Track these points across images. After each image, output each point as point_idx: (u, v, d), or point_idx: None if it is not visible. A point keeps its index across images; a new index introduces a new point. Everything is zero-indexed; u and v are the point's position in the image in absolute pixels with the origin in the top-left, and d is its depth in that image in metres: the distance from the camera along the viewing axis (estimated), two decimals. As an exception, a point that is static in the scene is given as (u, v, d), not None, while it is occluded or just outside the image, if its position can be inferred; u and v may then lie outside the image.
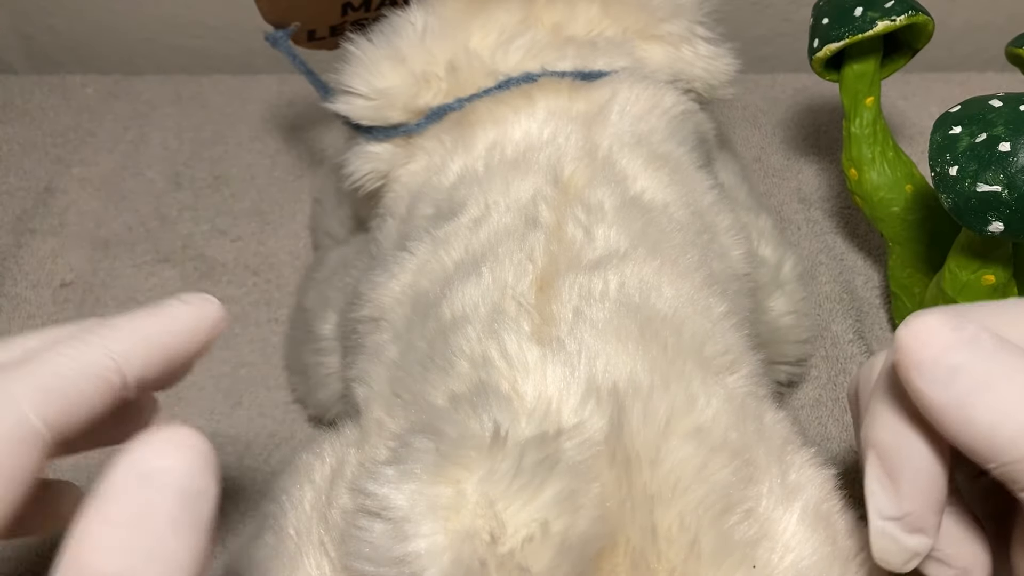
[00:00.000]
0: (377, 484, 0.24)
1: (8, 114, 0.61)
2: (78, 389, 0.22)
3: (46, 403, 0.21)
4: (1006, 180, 0.34)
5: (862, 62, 0.46)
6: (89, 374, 0.23)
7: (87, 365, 0.23)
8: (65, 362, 0.22)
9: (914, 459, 0.23)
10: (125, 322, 0.24)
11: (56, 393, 0.22)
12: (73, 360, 0.22)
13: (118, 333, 0.24)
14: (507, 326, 0.28)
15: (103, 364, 0.23)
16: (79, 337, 0.23)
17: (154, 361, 0.24)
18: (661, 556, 0.24)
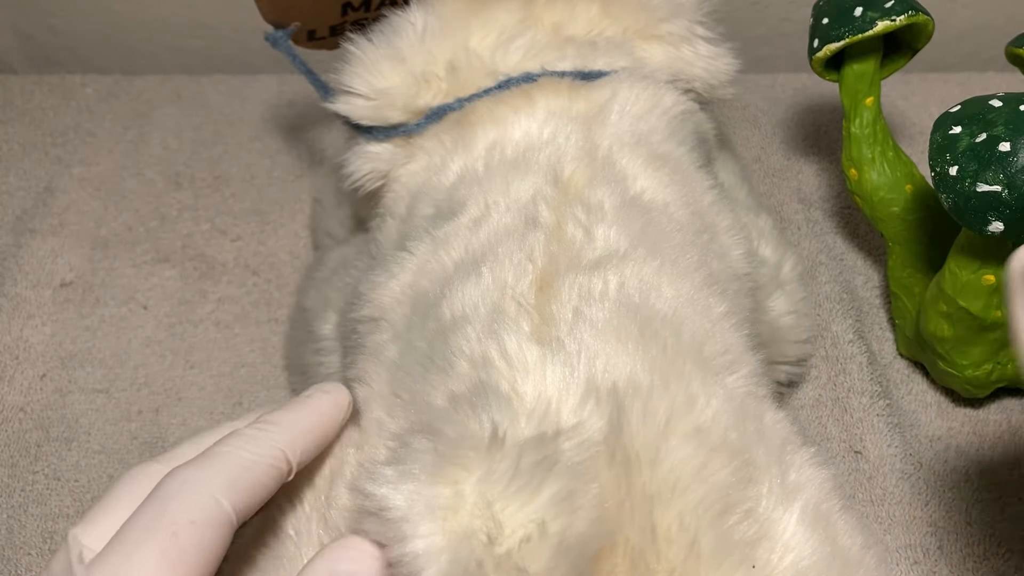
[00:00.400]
0: (376, 484, 0.24)
1: (8, 114, 0.61)
2: (258, 479, 0.26)
3: (235, 492, 0.25)
4: (1006, 180, 0.34)
5: (862, 62, 0.46)
6: (265, 466, 0.26)
7: (264, 458, 0.26)
8: (248, 456, 0.26)
9: None
10: (285, 416, 0.28)
11: (242, 484, 0.26)
12: (253, 455, 0.26)
13: (282, 428, 0.28)
14: (507, 326, 0.28)
15: (275, 456, 0.27)
16: (253, 435, 0.27)
17: (310, 448, 0.28)
18: (660, 556, 0.24)
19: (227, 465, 0.26)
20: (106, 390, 0.47)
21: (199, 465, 0.25)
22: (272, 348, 0.49)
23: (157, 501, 0.25)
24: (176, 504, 0.24)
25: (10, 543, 0.42)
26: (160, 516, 0.24)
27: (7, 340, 0.49)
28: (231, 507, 0.25)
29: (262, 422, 0.28)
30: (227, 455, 0.26)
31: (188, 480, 0.25)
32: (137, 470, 0.27)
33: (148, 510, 0.24)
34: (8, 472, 0.44)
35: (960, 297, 0.39)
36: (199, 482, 0.25)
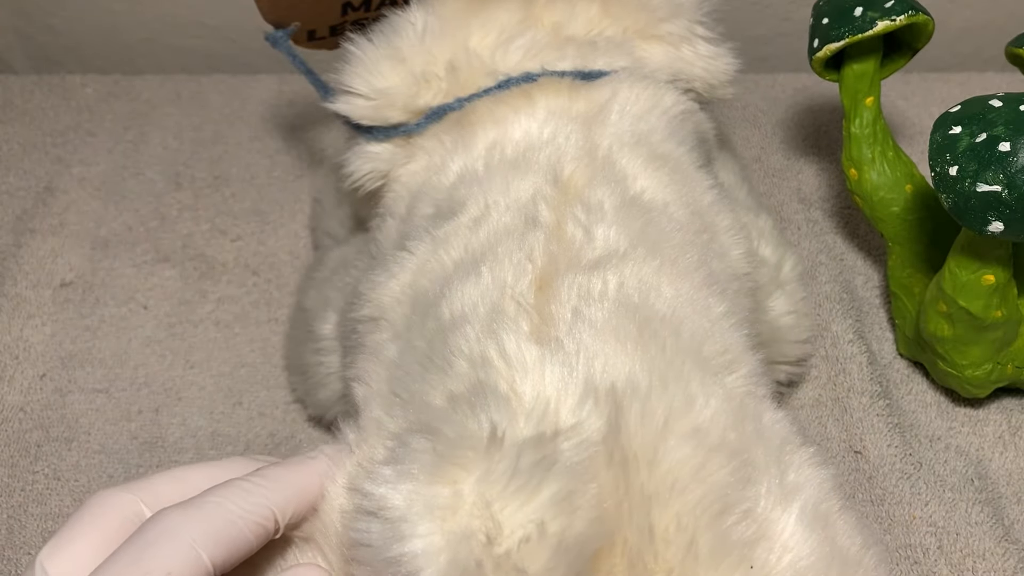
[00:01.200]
0: (374, 484, 0.24)
1: (8, 114, 0.61)
2: (242, 535, 0.26)
3: (215, 546, 0.25)
4: (1006, 180, 0.34)
5: (862, 62, 0.46)
6: (252, 522, 0.26)
7: (251, 515, 0.26)
8: (235, 511, 0.26)
9: None
10: (283, 474, 0.28)
11: (224, 538, 0.25)
12: (241, 510, 0.26)
13: (278, 485, 0.27)
14: (506, 326, 0.28)
15: (264, 514, 0.26)
16: (245, 488, 0.27)
17: (302, 509, 0.28)
18: (658, 556, 0.24)
19: (212, 517, 0.25)
20: (106, 390, 0.47)
21: (184, 512, 0.25)
22: (272, 348, 0.49)
23: (136, 546, 0.24)
24: (154, 551, 0.24)
25: (10, 543, 0.42)
26: (137, 563, 0.24)
27: (7, 340, 0.49)
28: (209, 560, 0.25)
29: (258, 476, 0.27)
30: (214, 506, 0.26)
31: (169, 528, 0.25)
32: (103, 496, 0.27)
33: (127, 553, 0.24)
34: (8, 472, 0.44)
35: (960, 297, 0.39)
36: (180, 530, 0.25)
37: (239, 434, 0.45)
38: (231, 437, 0.45)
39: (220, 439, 0.45)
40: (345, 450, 0.29)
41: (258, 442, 0.45)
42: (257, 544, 0.26)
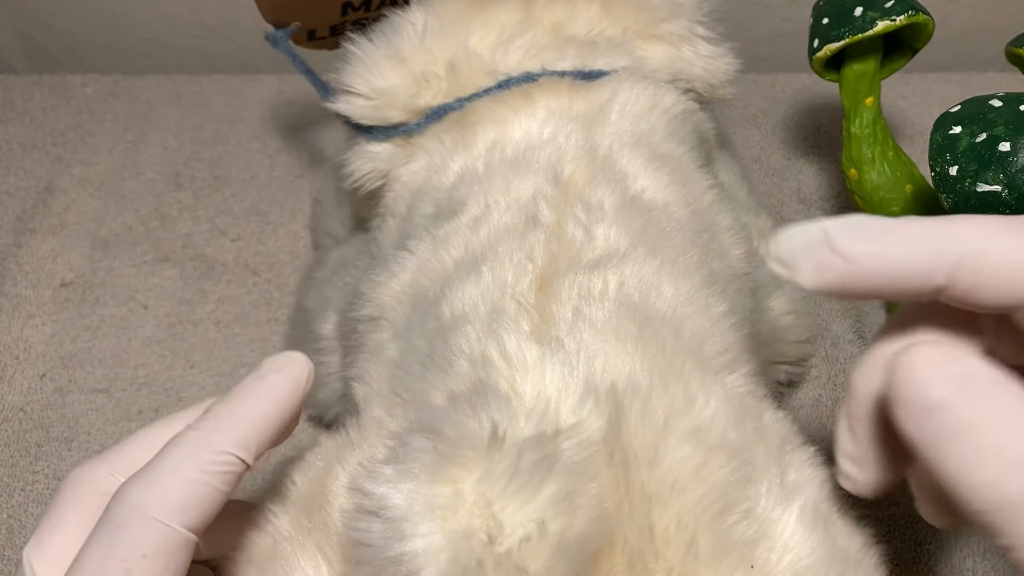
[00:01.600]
0: (375, 483, 0.24)
1: (8, 114, 0.61)
2: (210, 490, 0.25)
3: (184, 513, 0.24)
4: (1006, 180, 0.34)
5: (862, 62, 0.46)
6: (216, 474, 0.25)
7: (213, 466, 0.25)
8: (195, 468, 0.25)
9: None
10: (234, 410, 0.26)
11: (192, 501, 0.25)
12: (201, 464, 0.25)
13: (231, 425, 0.26)
14: (506, 325, 0.28)
15: (228, 461, 0.26)
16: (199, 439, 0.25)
17: (266, 438, 0.27)
18: (659, 556, 0.24)
19: (175, 484, 0.25)
20: (106, 390, 0.47)
21: (145, 484, 0.24)
22: (272, 348, 0.49)
23: (106, 532, 0.24)
24: (125, 536, 0.24)
25: (10, 543, 0.42)
26: (110, 551, 0.24)
27: (7, 340, 0.49)
28: (184, 528, 0.24)
29: (210, 419, 0.26)
30: (174, 471, 0.25)
31: (135, 506, 0.24)
32: (79, 473, 0.26)
33: (98, 543, 0.24)
34: (8, 472, 0.44)
35: (960, 297, 0.39)
36: (147, 507, 0.24)
37: (239, 434, 0.45)
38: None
39: (220, 439, 0.45)
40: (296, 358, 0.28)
41: (258, 442, 0.45)
42: (229, 488, 0.26)
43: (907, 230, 0.23)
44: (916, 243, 0.23)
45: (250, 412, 0.27)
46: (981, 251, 0.22)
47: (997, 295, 0.22)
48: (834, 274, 0.23)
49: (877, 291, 0.24)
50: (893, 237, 0.23)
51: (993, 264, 0.22)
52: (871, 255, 0.23)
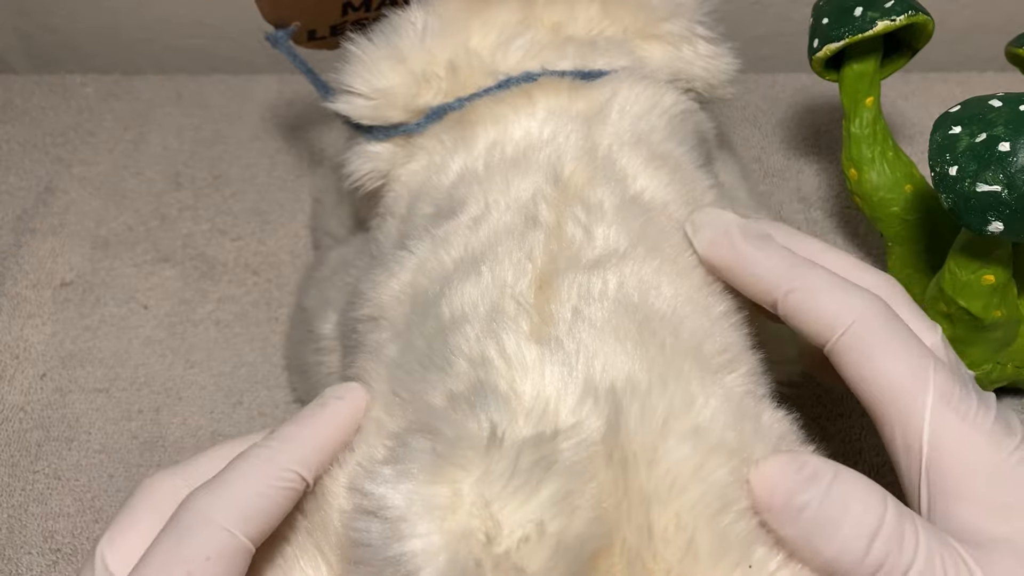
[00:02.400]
0: (374, 483, 0.24)
1: (8, 114, 0.62)
2: (273, 503, 0.26)
3: (247, 523, 0.26)
4: (1006, 180, 0.34)
5: (862, 62, 0.46)
6: (279, 488, 0.27)
7: (278, 482, 0.27)
8: (262, 481, 0.26)
9: None
10: (300, 432, 0.28)
11: (255, 511, 0.26)
12: (268, 479, 0.27)
13: (297, 445, 0.28)
14: (506, 325, 0.28)
15: (290, 479, 0.27)
16: (265, 456, 0.27)
17: (327, 460, 0.28)
18: (657, 556, 0.24)
19: (240, 493, 0.26)
20: (106, 389, 0.47)
21: (213, 493, 0.26)
22: (272, 348, 0.49)
23: (173, 535, 0.25)
24: (190, 539, 0.25)
25: (11, 542, 0.42)
26: (175, 552, 0.25)
27: (7, 340, 0.49)
28: (246, 537, 0.25)
29: (276, 439, 0.28)
30: (240, 483, 0.26)
31: (201, 512, 0.25)
32: (155, 481, 0.28)
33: (164, 544, 0.25)
34: (8, 472, 0.44)
35: (960, 297, 0.39)
36: (212, 514, 0.25)
37: (239, 434, 0.45)
38: (232, 437, 0.45)
39: (220, 439, 0.45)
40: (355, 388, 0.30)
41: (258, 442, 0.45)
42: (289, 506, 0.27)
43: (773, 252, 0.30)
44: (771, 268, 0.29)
45: (313, 435, 0.28)
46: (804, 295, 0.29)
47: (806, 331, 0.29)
48: (715, 257, 0.30)
49: (739, 285, 0.30)
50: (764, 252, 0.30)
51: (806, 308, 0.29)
52: (742, 259, 0.30)
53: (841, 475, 0.26)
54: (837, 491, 0.25)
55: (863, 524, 0.25)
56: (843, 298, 0.28)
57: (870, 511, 0.25)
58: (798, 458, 0.26)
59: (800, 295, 0.29)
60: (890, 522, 0.25)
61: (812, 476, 0.25)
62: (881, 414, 0.28)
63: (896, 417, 0.27)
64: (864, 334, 0.28)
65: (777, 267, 0.29)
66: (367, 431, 0.29)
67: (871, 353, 0.27)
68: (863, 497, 0.25)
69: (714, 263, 0.30)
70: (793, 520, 0.25)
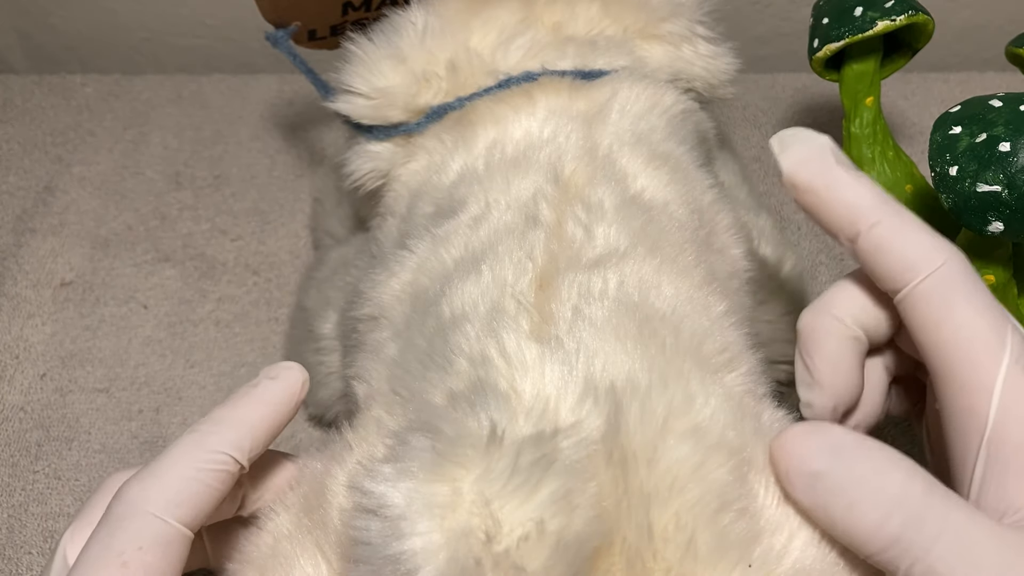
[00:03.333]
0: (374, 482, 0.24)
1: (8, 114, 0.62)
2: (205, 487, 0.26)
3: (178, 507, 0.26)
4: (1006, 180, 0.34)
5: (862, 62, 0.46)
6: (210, 471, 0.27)
7: (208, 464, 0.27)
8: (191, 466, 0.26)
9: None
10: (230, 414, 0.28)
11: (185, 497, 0.26)
12: (196, 462, 0.27)
13: (226, 426, 0.28)
14: (506, 324, 0.28)
15: (220, 460, 0.27)
16: (195, 440, 0.27)
17: (260, 441, 0.28)
18: (657, 555, 0.24)
19: (170, 481, 0.26)
20: (106, 389, 0.47)
21: (143, 483, 0.26)
22: (272, 348, 0.49)
23: (106, 527, 0.25)
24: (122, 531, 0.25)
25: (11, 542, 0.42)
26: (109, 544, 0.25)
27: (7, 340, 0.49)
28: (179, 523, 0.26)
29: (206, 422, 0.28)
30: (169, 469, 0.26)
31: (132, 501, 0.26)
32: (115, 480, 0.28)
33: (98, 537, 0.25)
34: (8, 471, 0.44)
35: (960, 297, 0.39)
36: (142, 503, 0.25)
37: (239, 434, 0.45)
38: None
39: (220, 439, 0.45)
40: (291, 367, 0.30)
41: (258, 442, 0.45)
42: (224, 488, 0.27)
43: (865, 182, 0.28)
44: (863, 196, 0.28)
45: (244, 415, 0.28)
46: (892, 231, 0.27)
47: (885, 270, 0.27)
48: (805, 175, 0.28)
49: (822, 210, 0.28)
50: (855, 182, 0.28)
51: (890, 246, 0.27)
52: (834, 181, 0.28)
53: (864, 445, 0.25)
54: (857, 461, 0.24)
55: (881, 496, 0.24)
56: (932, 241, 0.27)
57: (892, 484, 0.24)
58: (820, 427, 0.26)
59: (886, 230, 0.27)
60: (913, 497, 0.24)
61: (833, 446, 0.25)
62: (947, 370, 0.26)
63: (966, 376, 0.25)
64: (949, 280, 0.26)
65: (867, 197, 0.27)
66: (367, 429, 0.29)
67: (953, 302, 0.26)
68: (886, 469, 0.24)
69: (801, 183, 0.28)
70: (810, 488, 0.25)
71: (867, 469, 0.24)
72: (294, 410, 0.30)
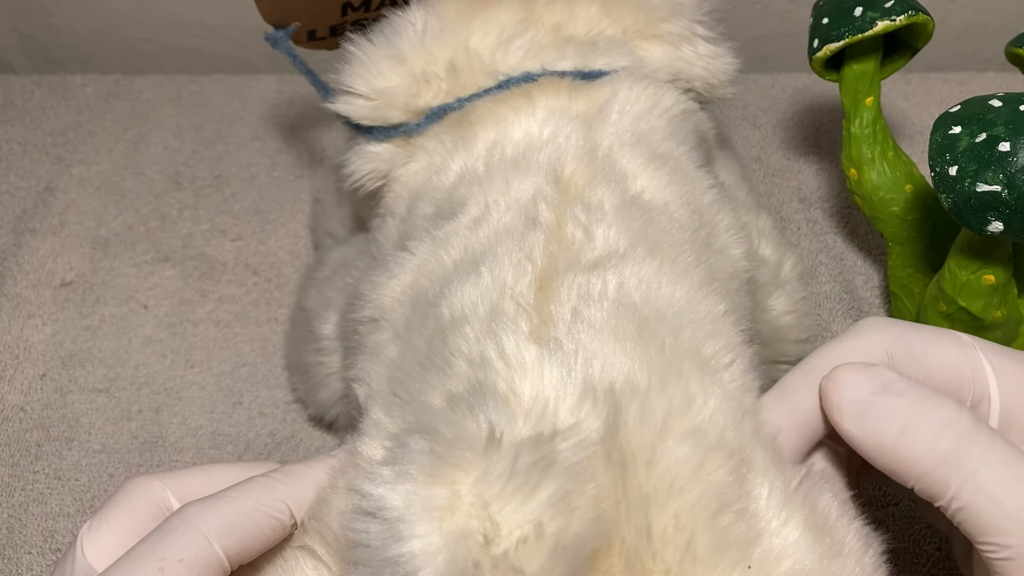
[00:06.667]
0: (373, 484, 0.24)
1: (8, 114, 0.62)
2: (256, 527, 0.27)
3: (228, 538, 0.26)
4: (1006, 180, 0.34)
5: (862, 62, 0.46)
6: (266, 515, 0.27)
7: (266, 507, 0.27)
8: (250, 505, 0.27)
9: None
10: (303, 471, 0.29)
11: (238, 530, 0.26)
12: (257, 503, 0.27)
13: (294, 480, 0.28)
14: (505, 326, 0.28)
15: (279, 508, 0.27)
16: (264, 483, 0.28)
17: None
18: (656, 556, 0.24)
19: (228, 510, 0.27)
20: (106, 389, 0.47)
21: (203, 505, 0.27)
22: (272, 348, 0.49)
23: (157, 534, 0.26)
24: (171, 540, 0.26)
25: (11, 542, 0.42)
26: (153, 549, 0.26)
27: (7, 340, 0.49)
28: (222, 551, 0.26)
29: (280, 472, 0.28)
30: (231, 500, 0.27)
31: (188, 518, 0.26)
32: (140, 481, 0.28)
33: (148, 542, 0.26)
34: (9, 471, 0.44)
35: (960, 297, 0.39)
36: (197, 521, 0.26)
37: (239, 434, 0.45)
38: (231, 437, 0.45)
39: (220, 439, 0.45)
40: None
41: (258, 442, 0.45)
42: (274, 537, 0.27)
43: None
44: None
45: (313, 476, 0.29)
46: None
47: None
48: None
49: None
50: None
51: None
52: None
53: (912, 381, 0.27)
54: (907, 391, 0.26)
55: (934, 418, 0.25)
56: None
57: (943, 408, 0.26)
58: (870, 365, 0.27)
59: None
60: (964, 420, 0.25)
61: (884, 378, 0.27)
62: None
63: None
64: None
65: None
66: (367, 432, 0.29)
67: None
68: (935, 397, 0.26)
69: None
70: (861, 416, 0.26)
71: (917, 397, 0.26)
72: None
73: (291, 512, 0.28)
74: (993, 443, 0.25)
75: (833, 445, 0.30)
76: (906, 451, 0.26)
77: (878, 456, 0.26)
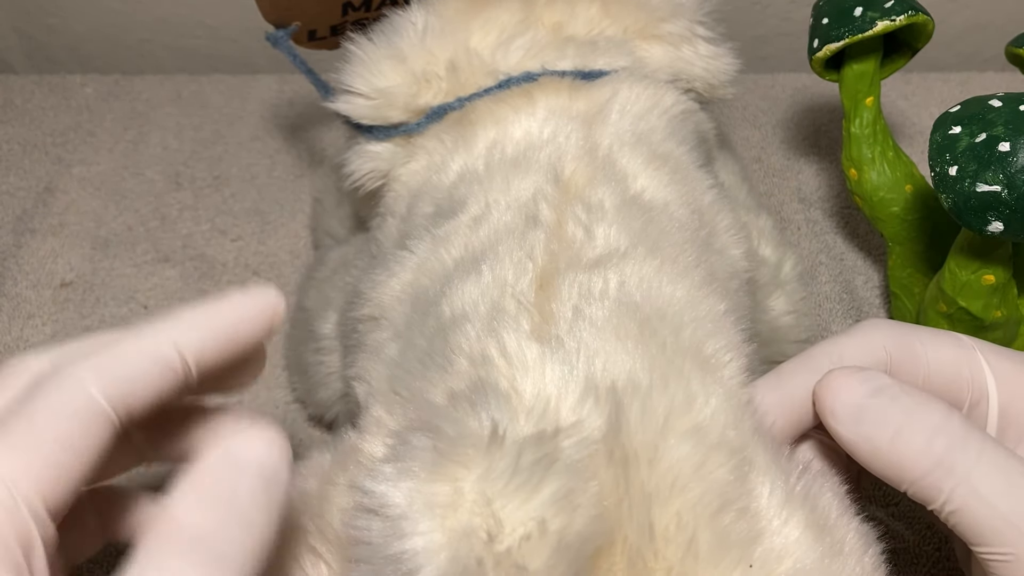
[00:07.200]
0: (375, 482, 0.24)
1: (8, 114, 0.61)
2: (142, 373, 0.24)
3: (111, 385, 0.23)
4: (1006, 180, 0.34)
5: (862, 62, 0.46)
6: (153, 359, 0.24)
7: (150, 351, 0.24)
8: (130, 348, 0.24)
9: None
10: (188, 313, 0.26)
11: (121, 375, 0.23)
12: (137, 347, 0.24)
13: (180, 323, 0.25)
14: (506, 324, 0.28)
15: (165, 351, 0.24)
16: (143, 328, 0.25)
17: (217, 348, 0.26)
18: (658, 555, 0.24)
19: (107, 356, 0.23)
20: (106, 389, 0.47)
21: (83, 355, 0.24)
22: (272, 348, 0.49)
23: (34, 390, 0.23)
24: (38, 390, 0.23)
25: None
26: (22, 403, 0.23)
27: (7, 340, 0.49)
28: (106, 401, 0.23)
29: (161, 317, 0.25)
30: (109, 347, 0.24)
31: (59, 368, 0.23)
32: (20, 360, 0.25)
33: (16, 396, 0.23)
34: (8, 471, 0.44)
35: (960, 297, 0.39)
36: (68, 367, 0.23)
37: (239, 434, 0.45)
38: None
39: (220, 439, 0.45)
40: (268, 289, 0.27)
41: (258, 442, 0.45)
42: (165, 386, 0.24)
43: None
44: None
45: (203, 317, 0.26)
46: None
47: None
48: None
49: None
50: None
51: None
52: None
53: (904, 385, 0.27)
54: (900, 395, 0.26)
55: (926, 422, 0.26)
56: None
57: (934, 412, 0.26)
58: (863, 370, 0.28)
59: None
60: (955, 424, 0.26)
61: (876, 383, 0.27)
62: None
63: None
64: None
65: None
66: (368, 429, 0.29)
67: None
68: (927, 402, 0.26)
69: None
70: (855, 420, 0.26)
71: (910, 402, 0.26)
72: (261, 332, 0.27)
73: (180, 355, 0.24)
74: (985, 447, 0.26)
75: (833, 444, 0.30)
76: (899, 455, 0.26)
77: (872, 460, 0.27)
